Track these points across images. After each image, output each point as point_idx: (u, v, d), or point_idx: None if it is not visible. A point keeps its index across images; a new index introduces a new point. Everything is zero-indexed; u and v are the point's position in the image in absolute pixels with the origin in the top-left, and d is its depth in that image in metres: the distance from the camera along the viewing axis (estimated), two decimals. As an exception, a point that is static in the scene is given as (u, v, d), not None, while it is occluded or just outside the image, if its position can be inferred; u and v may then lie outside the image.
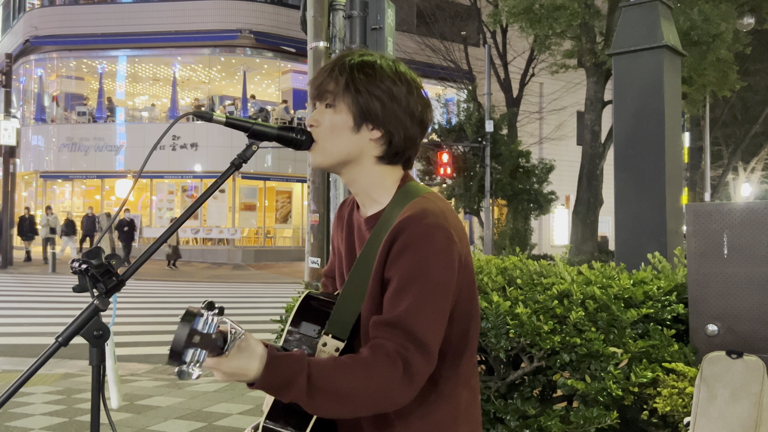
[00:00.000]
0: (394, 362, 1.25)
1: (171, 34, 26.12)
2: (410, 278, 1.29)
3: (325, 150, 1.42)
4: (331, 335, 1.38)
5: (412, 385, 1.26)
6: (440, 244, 1.31)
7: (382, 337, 1.28)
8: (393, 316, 1.28)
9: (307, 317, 1.44)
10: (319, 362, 1.25)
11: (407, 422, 1.36)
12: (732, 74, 18.03)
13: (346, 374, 1.24)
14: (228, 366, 1.19)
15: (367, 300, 1.36)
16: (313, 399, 1.22)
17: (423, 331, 1.27)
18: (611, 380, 2.82)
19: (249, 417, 5.26)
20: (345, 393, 1.23)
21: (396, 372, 1.24)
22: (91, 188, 28.95)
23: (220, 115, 1.38)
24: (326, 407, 1.24)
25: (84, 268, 1.23)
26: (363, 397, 1.25)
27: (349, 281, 1.40)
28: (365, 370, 1.24)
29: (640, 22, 5.02)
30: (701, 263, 3.07)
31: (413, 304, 1.28)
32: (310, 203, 6.97)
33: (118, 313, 1.49)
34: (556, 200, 21.99)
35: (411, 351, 1.26)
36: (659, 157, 4.80)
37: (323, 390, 1.22)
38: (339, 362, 1.26)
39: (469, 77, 23.52)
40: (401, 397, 1.27)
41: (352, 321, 1.38)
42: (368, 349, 1.28)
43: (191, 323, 1.11)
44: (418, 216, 1.33)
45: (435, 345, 1.29)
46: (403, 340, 1.26)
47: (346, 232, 1.53)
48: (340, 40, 6.76)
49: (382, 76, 1.40)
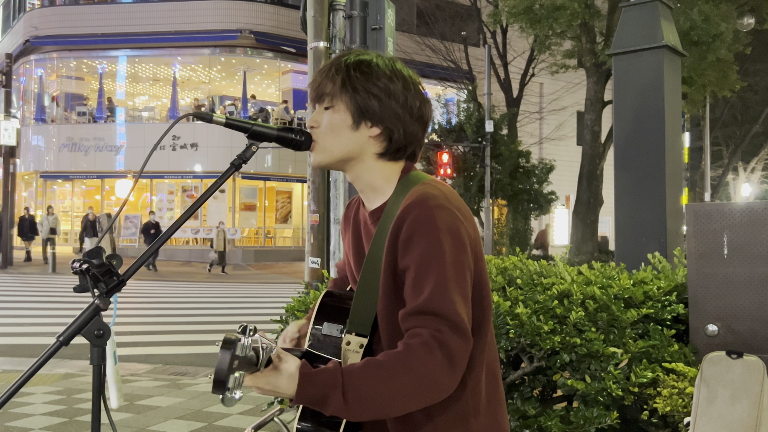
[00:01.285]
0: (432, 349, 1.23)
1: (171, 34, 26.11)
2: (426, 263, 1.29)
3: (326, 149, 1.43)
4: (354, 333, 1.38)
5: (455, 368, 1.25)
6: (447, 224, 1.31)
7: (415, 326, 1.27)
8: (419, 304, 1.28)
9: (328, 317, 1.44)
10: (353, 371, 1.23)
11: (429, 414, 1.35)
12: (732, 74, 18.03)
13: (384, 376, 1.22)
14: (263, 383, 1.21)
15: (382, 292, 1.36)
16: (353, 410, 1.21)
17: (453, 311, 1.26)
18: (611, 380, 2.82)
19: (249, 417, 5.26)
20: (387, 394, 1.22)
21: (436, 359, 1.23)
22: (91, 188, 28.95)
23: (220, 116, 1.38)
24: (370, 413, 1.23)
25: (85, 268, 1.24)
26: (407, 394, 1.23)
27: (363, 277, 1.40)
28: (403, 365, 1.23)
29: (640, 22, 5.02)
30: (701, 263, 3.07)
31: (436, 287, 1.27)
32: (310, 203, 6.97)
33: (118, 313, 1.49)
34: (556, 200, 21.99)
35: (446, 333, 1.24)
36: (659, 157, 4.80)
37: (362, 399, 1.21)
38: (375, 365, 1.24)
39: (469, 77, 23.51)
40: (447, 382, 1.25)
41: (372, 315, 1.38)
42: (403, 343, 1.26)
43: (231, 350, 1.12)
44: (420, 201, 1.33)
45: (467, 322, 1.28)
46: (436, 324, 1.25)
47: (352, 230, 1.54)
48: (340, 40, 6.76)
49: (378, 74, 1.41)
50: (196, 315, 11.93)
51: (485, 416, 1.40)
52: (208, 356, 7.97)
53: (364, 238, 1.49)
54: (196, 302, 13.82)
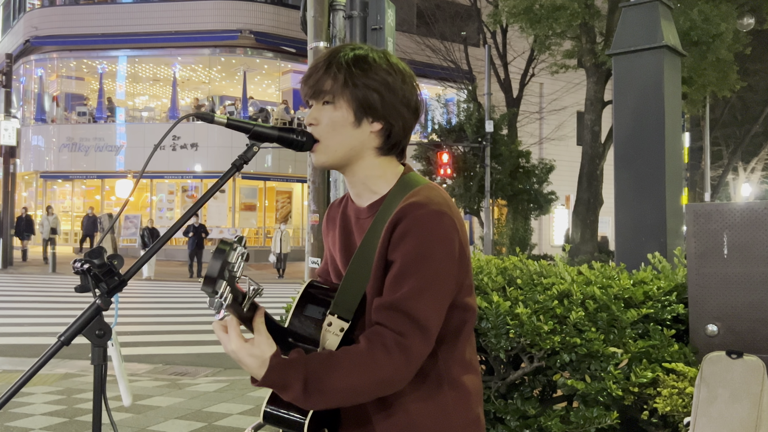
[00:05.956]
0: (391, 354, 1.28)
1: (171, 34, 26.10)
2: (412, 262, 1.31)
3: (329, 147, 1.44)
4: (337, 315, 1.40)
5: (410, 366, 1.30)
6: (443, 231, 1.34)
7: (381, 323, 1.31)
8: (393, 299, 1.31)
9: (312, 300, 1.47)
10: (317, 367, 1.28)
11: (407, 404, 1.38)
12: (732, 74, 18.03)
13: (343, 374, 1.27)
14: (236, 346, 1.28)
15: (372, 281, 1.39)
16: (310, 400, 1.28)
17: (423, 315, 1.30)
18: (611, 380, 2.83)
19: (249, 417, 5.27)
20: (344, 391, 1.28)
21: (393, 361, 1.28)
22: (92, 188, 28.94)
23: (221, 116, 1.38)
24: (324, 405, 1.30)
25: (86, 268, 1.24)
26: (363, 392, 1.30)
27: (353, 264, 1.42)
28: (363, 367, 1.28)
29: (640, 22, 5.02)
30: (701, 263, 3.08)
31: (414, 287, 1.30)
32: (310, 203, 6.97)
33: (118, 313, 1.49)
34: (556, 200, 21.99)
35: (409, 333, 1.28)
36: (659, 157, 4.80)
37: (320, 391, 1.27)
38: (336, 362, 1.29)
39: (469, 77, 23.50)
40: (399, 380, 1.31)
41: (357, 301, 1.40)
42: (365, 340, 1.30)
43: (225, 252, 1.18)
44: (422, 202, 1.35)
45: (435, 328, 1.32)
46: (402, 322, 1.29)
47: (340, 227, 1.54)
48: (340, 40, 6.76)
49: (377, 69, 1.42)
50: (196, 315, 11.93)
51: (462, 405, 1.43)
52: (208, 356, 7.97)
53: (356, 232, 1.49)
54: (196, 302, 13.82)
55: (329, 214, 1.61)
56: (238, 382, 6.60)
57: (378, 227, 1.40)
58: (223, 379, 6.79)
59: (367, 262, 1.40)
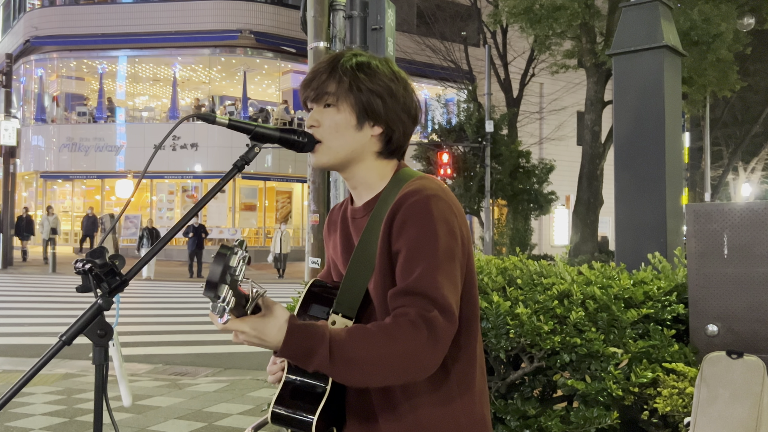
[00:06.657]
0: (418, 327, 1.26)
1: (171, 35, 26.10)
2: (418, 246, 1.33)
3: (331, 149, 1.46)
4: (341, 314, 1.41)
5: (438, 346, 1.28)
6: (441, 213, 1.36)
7: (403, 305, 1.30)
8: (408, 284, 1.31)
9: (316, 300, 1.48)
10: (341, 331, 1.26)
11: (413, 402, 1.38)
12: (732, 74, 18.01)
13: (369, 342, 1.25)
14: (249, 328, 1.23)
15: (377, 275, 1.39)
16: (337, 367, 1.24)
17: (441, 294, 1.30)
18: (611, 380, 2.83)
19: (249, 417, 5.27)
20: (370, 360, 1.25)
21: (420, 336, 1.25)
22: (92, 188, 28.94)
23: (223, 117, 1.39)
24: (352, 375, 1.26)
25: (88, 268, 1.25)
26: (389, 364, 1.25)
27: (353, 261, 1.43)
28: (389, 336, 1.26)
29: (640, 22, 5.02)
30: (701, 263, 3.08)
31: (425, 269, 1.31)
32: (310, 203, 6.97)
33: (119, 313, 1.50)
34: (556, 200, 21.98)
35: (433, 313, 1.28)
36: (659, 157, 4.80)
37: (347, 359, 1.24)
38: (363, 330, 1.28)
39: (469, 77, 23.49)
40: (429, 360, 1.27)
41: (359, 299, 1.41)
42: (391, 318, 1.29)
43: (226, 257, 1.16)
44: (417, 190, 1.38)
45: (455, 306, 1.32)
46: (424, 304, 1.28)
47: (340, 229, 1.56)
48: (340, 40, 6.76)
49: (381, 75, 1.45)
50: (196, 315, 11.93)
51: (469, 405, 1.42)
52: (208, 356, 7.97)
53: (353, 231, 1.51)
54: (197, 302, 13.82)
55: (330, 219, 1.63)
56: (238, 382, 6.61)
57: (375, 223, 1.41)
58: (223, 379, 6.79)
59: (367, 258, 1.41)
